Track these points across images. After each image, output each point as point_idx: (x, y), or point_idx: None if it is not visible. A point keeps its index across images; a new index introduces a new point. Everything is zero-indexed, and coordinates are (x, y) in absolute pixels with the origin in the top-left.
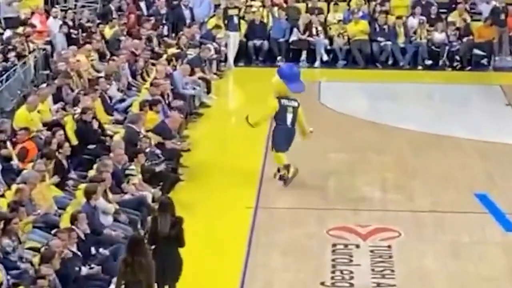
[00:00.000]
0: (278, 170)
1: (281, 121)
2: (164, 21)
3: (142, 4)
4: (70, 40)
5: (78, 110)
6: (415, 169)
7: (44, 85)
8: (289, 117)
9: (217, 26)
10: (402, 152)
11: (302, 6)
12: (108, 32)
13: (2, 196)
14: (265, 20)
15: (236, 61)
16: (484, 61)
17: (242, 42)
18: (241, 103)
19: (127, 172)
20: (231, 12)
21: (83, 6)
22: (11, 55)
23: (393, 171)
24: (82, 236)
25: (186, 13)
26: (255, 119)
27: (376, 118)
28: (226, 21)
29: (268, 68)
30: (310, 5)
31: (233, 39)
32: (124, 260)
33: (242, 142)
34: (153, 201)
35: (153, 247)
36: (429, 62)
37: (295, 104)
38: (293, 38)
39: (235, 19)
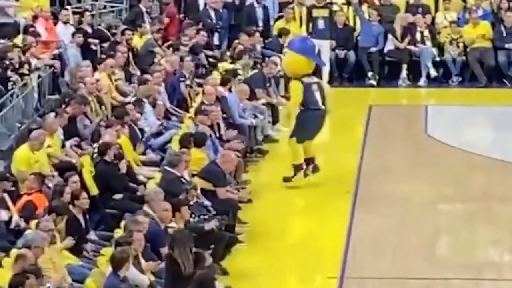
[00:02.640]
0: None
1: (311, 103)
2: (218, 26)
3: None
4: (87, 53)
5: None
6: None
7: (52, 114)
8: (317, 95)
9: (285, 31)
10: None
11: (400, 3)
12: (137, 41)
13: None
14: (350, 23)
15: None
16: None
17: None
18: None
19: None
20: (316, 13)
21: (103, 8)
22: (7, 74)
23: None
24: None
25: (259, 12)
26: (287, 113)
27: (505, 155)
28: (309, 25)
29: (355, 88)
30: (411, 1)
31: (322, 50)
32: None
33: (320, 190)
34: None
35: None
36: None
37: (317, 79)
38: (389, 47)
39: (322, 23)
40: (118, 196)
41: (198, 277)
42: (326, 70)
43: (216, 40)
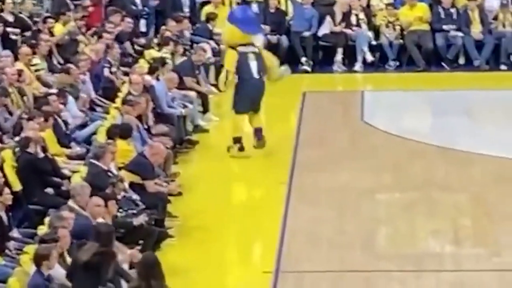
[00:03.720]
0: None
1: (245, 73)
2: (145, 12)
3: None
4: (6, 43)
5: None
6: (501, 212)
7: None
8: (253, 65)
9: (213, 16)
10: (482, 189)
11: None
12: (60, 30)
13: None
14: (282, 7)
15: None
16: None
17: None
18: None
19: None
20: None
21: None
22: None
23: (470, 216)
24: None
25: None
26: (220, 83)
27: (444, 141)
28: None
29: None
30: None
31: None
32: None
33: (253, 182)
34: (131, 267)
35: None
36: None
37: (256, 49)
38: (324, 31)
39: (256, 7)
40: (49, 190)
41: (144, 258)
42: (260, 38)
43: (142, 27)
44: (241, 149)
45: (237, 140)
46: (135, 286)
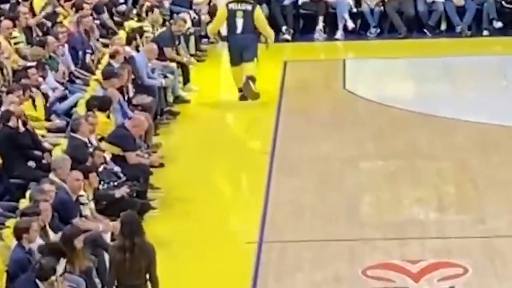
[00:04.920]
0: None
1: (231, 29)
2: None
3: None
4: None
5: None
6: (486, 179)
7: None
8: (239, 22)
9: None
10: (466, 156)
11: None
12: (39, 2)
13: None
14: None
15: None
16: None
17: None
18: (233, 95)
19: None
20: None
21: None
22: None
23: (453, 183)
24: None
25: None
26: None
27: (427, 108)
28: None
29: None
30: None
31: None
32: (120, 247)
33: (235, 152)
34: (113, 239)
35: None
36: (498, 24)
37: (247, 7)
38: None
39: None
40: (30, 163)
41: (124, 216)
42: None
43: None
44: (242, 98)
45: (240, 89)
46: (120, 245)
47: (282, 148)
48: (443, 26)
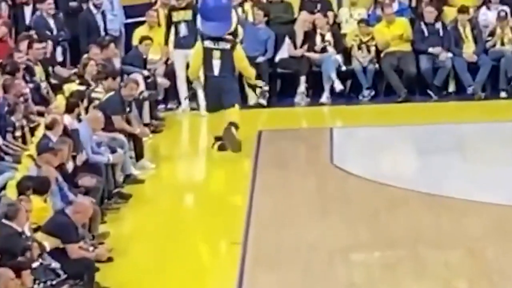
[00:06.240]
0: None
1: (206, 70)
2: (60, 36)
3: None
4: None
5: None
6: (503, 273)
7: None
8: (216, 64)
9: (146, 40)
10: (479, 244)
11: None
12: None
13: None
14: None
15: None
16: None
17: None
18: (196, 172)
19: None
20: (176, 15)
21: None
22: None
23: (465, 277)
24: None
25: (98, 19)
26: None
27: (432, 187)
28: (170, 31)
29: (240, 110)
30: None
31: (182, 61)
32: None
33: (199, 243)
34: None
35: None
36: None
37: (225, 46)
38: (282, 55)
39: (184, 28)
40: None
41: None
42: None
43: (59, 55)
44: (221, 147)
45: (217, 138)
46: None
47: (257, 236)
48: (452, 87)
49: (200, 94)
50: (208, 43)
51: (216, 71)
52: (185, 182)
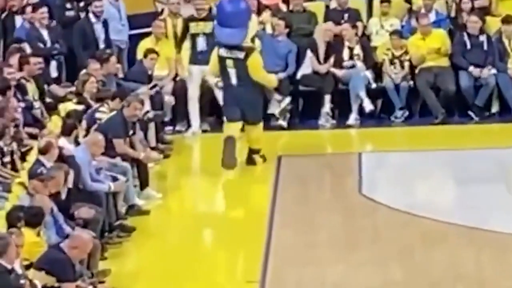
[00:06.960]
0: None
1: (223, 79)
2: (54, 49)
3: None
4: None
5: None
6: None
7: None
8: (232, 72)
9: (152, 53)
10: None
11: (317, 7)
12: None
13: None
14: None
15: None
16: None
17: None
18: (210, 204)
19: None
20: (194, 27)
21: None
22: None
23: None
24: None
25: (98, 29)
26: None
27: (473, 220)
28: (182, 44)
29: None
30: (333, 5)
31: (198, 78)
32: None
33: (211, 283)
34: None
35: None
36: None
37: (239, 55)
38: (305, 71)
39: (202, 41)
40: None
41: None
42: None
43: (53, 71)
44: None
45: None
46: None
47: (275, 274)
48: (495, 107)
49: (219, 98)
50: (223, 51)
51: (233, 80)
52: (195, 213)
